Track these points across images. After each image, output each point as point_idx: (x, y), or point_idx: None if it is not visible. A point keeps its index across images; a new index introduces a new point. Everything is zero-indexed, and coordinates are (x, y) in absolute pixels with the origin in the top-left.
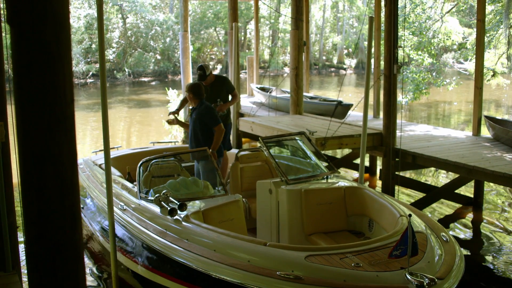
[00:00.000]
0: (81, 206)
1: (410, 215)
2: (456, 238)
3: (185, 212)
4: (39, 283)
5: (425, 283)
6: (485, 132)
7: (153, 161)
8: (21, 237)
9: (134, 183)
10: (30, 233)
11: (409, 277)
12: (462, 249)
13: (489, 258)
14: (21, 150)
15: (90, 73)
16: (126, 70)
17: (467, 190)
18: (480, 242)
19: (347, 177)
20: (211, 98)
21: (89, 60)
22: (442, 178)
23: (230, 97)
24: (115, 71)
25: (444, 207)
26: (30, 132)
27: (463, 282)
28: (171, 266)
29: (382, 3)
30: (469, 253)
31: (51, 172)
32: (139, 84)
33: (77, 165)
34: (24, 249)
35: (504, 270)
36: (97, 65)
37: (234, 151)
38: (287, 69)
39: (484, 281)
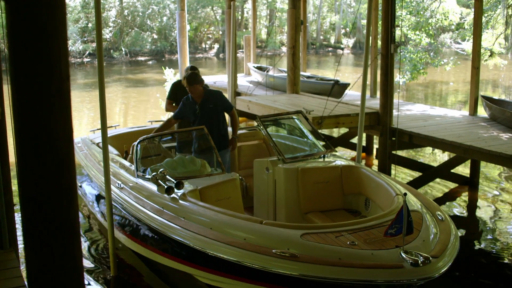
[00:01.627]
0: (79, 185)
1: (405, 194)
2: (452, 217)
3: (182, 191)
4: (36, 259)
5: (419, 262)
6: (482, 112)
7: (150, 139)
8: (18, 215)
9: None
10: (26, 210)
11: (404, 256)
12: (457, 228)
13: (484, 237)
14: (17, 128)
15: (87, 52)
16: (123, 49)
17: (463, 170)
18: (475, 221)
19: (344, 156)
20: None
21: (85, 39)
22: (439, 157)
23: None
24: (111, 51)
25: (440, 186)
26: (26, 109)
27: (458, 261)
28: (168, 244)
29: None
30: (464, 232)
31: (47, 149)
32: (136, 63)
33: (73, 142)
34: (21, 227)
35: (498, 249)
36: (94, 44)
37: (231, 129)
38: (284, 49)
39: (479, 260)
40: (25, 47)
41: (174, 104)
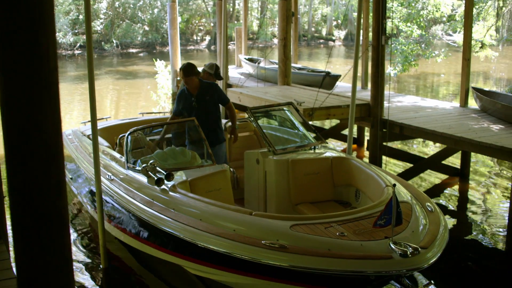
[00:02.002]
0: (70, 177)
1: (394, 185)
2: (443, 208)
3: (172, 182)
4: (24, 251)
5: (408, 252)
6: (473, 103)
7: (141, 131)
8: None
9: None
10: (15, 202)
11: (393, 246)
12: (447, 219)
13: (474, 228)
14: (4, 118)
15: (78, 44)
16: (114, 41)
17: (453, 161)
18: (465, 212)
19: (334, 148)
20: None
21: (76, 31)
22: (429, 149)
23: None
24: (102, 43)
25: (431, 178)
26: (14, 99)
27: (447, 252)
28: (158, 236)
29: None
30: (454, 223)
31: (35, 140)
32: (127, 55)
33: (62, 133)
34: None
35: (488, 240)
36: (85, 36)
37: (222, 121)
38: (275, 41)
39: (468, 251)
40: (12, 38)
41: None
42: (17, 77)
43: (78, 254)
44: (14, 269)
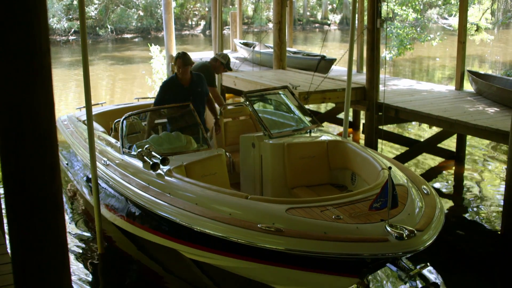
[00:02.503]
0: (66, 162)
1: (390, 168)
2: (438, 191)
3: (167, 167)
4: (18, 235)
5: (404, 235)
6: (468, 86)
7: (136, 116)
8: None
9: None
10: (8, 185)
11: (389, 229)
12: (443, 201)
13: (470, 210)
14: None
15: (72, 30)
16: (109, 26)
17: (449, 145)
18: (461, 195)
19: (329, 131)
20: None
21: (70, 17)
22: (425, 132)
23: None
24: (97, 28)
25: (427, 161)
26: (6, 83)
27: (443, 234)
28: (154, 220)
29: None
30: (450, 206)
31: (28, 124)
32: (122, 40)
33: (55, 115)
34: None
35: (483, 222)
36: (79, 22)
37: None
38: (270, 25)
39: (464, 233)
40: (4, 20)
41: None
42: (9, 61)
43: (74, 239)
44: (9, 255)
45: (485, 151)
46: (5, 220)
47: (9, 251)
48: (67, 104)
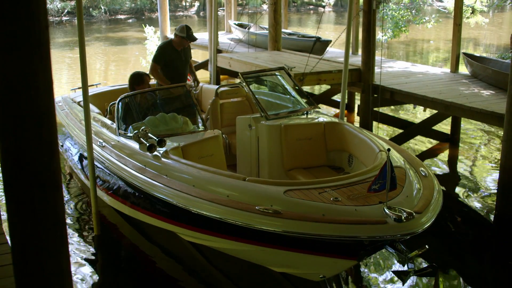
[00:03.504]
0: (61, 144)
1: (389, 150)
2: (434, 173)
3: (164, 148)
4: (17, 213)
5: (403, 217)
6: (463, 69)
7: (132, 97)
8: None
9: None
10: (7, 164)
11: (387, 211)
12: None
13: (465, 193)
14: None
15: (66, 10)
16: (102, 7)
17: (444, 127)
18: (456, 177)
19: (327, 113)
20: (181, 67)
21: None
22: (420, 114)
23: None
24: (90, 9)
25: (422, 143)
26: (4, 60)
27: (440, 216)
28: (151, 202)
29: None
30: (446, 188)
31: (27, 101)
32: (116, 21)
33: (54, 93)
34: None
35: (479, 204)
36: (72, 3)
37: (213, 87)
38: (265, 7)
39: (459, 215)
40: None
41: (159, 71)
42: (7, 36)
43: (70, 221)
44: (6, 235)
45: (480, 134)
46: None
47: (5, 230)
48: (60, 85)
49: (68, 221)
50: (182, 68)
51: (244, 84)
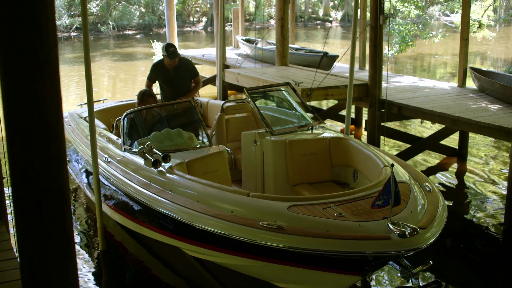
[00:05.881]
0: (67, 159)
1: (392, 165)
2: (440, 189)
3: (169, 164)
4: (25, 228)
5: (407, 233)
6: (471, 83)
7: (138, 113)
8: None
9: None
10: (15, 178)
11: (391, 227)
12: (446, 199)
13: (472, 208)
14: (4, 95)
15: (74, 26)
16: (110, 23)
17: (452, 142)
18: (464, 192)
19: (332, 128)
20: (174, 85)
21: (72, 13)
22: (427, 129)
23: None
24: (99, 25)
25: (429, 158)
26: (14, 77)
27: (445, 232)
28: (156, 218)
29: None
30: (453, 203)
31: (35, 117)
32: (124, 37)
33: (62, 109)
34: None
35: (486, 220)
36: (80, 18)
37: (219, 102)
38: (272, 22)
39: (466, 231)
40: (11, 13)
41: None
42: (16, 54)
43: (76, 236)
44: (14, 249)
45: (487, 149)
46: (9, 216)
47: (13, 245)
48: (68, 100)
49: (74, 235)
50: (175, 88)
51: (249, 99)
